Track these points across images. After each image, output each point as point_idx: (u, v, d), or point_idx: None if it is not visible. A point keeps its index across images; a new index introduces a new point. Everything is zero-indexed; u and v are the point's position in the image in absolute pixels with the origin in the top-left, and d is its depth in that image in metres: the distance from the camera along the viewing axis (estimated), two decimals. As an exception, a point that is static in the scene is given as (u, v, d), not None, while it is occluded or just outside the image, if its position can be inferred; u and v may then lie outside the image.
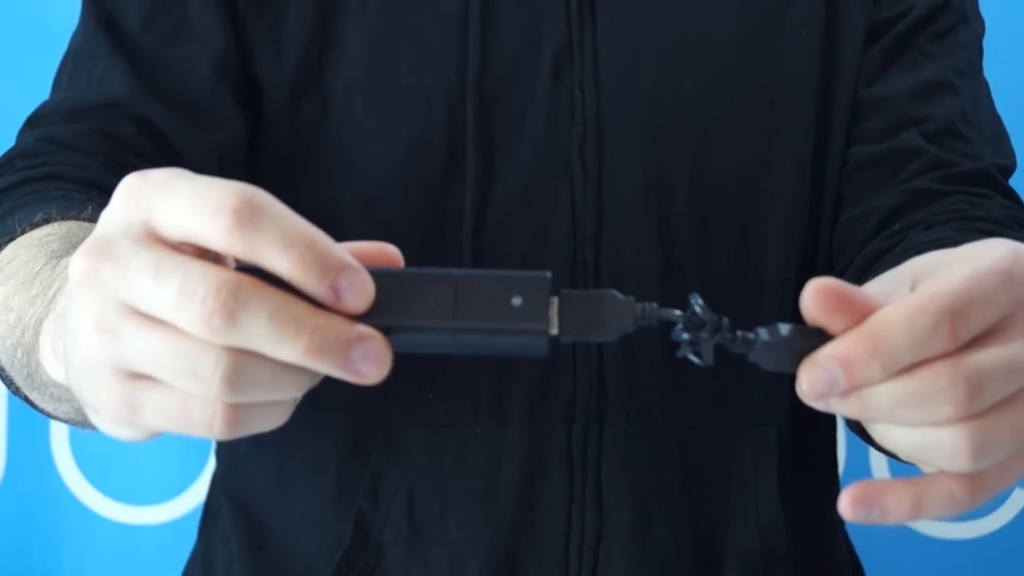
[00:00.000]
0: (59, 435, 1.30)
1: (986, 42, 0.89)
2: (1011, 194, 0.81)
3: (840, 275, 0.80)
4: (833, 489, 0.91)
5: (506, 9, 0.80)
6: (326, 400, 0.74)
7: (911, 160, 0.81)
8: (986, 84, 0.88)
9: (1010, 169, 0.84)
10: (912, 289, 0.47)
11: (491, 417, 0.80)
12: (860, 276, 0.76)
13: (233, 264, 0.45)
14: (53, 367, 0.53)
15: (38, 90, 0.85)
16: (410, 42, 0.80)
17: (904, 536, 1.33)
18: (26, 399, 0.60)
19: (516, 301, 0.45)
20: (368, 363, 0.44)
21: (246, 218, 0.43)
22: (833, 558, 0.90)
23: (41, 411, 0.60)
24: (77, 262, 0.45)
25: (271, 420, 0.45)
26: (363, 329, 0.44)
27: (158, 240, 0.44)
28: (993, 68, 0.89)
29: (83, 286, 0.45)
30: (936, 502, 0.47)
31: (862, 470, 1.27)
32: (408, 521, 0.81)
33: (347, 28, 0.80)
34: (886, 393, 0.45)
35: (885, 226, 0.78)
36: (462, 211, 0.79)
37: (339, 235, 0.81)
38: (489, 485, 0.80)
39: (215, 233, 0.43)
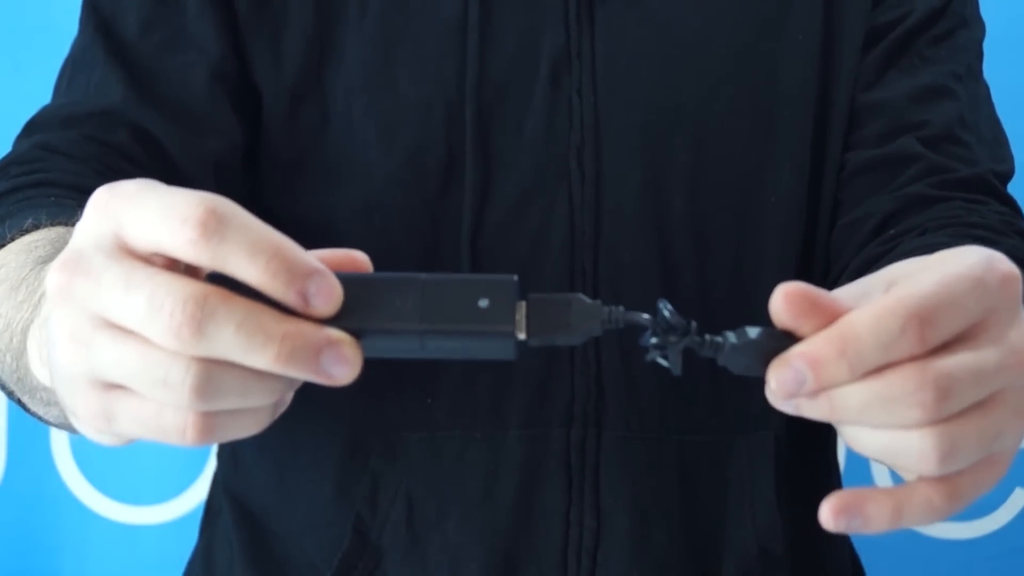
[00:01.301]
0: (59, 435, 1.30)
1: (986, 45, 0.89)
2: (1008, 200, 0.81)
3: (836, 280, 0.80)
4: (832, 492, 0.91)
5: (504, 16, 0.80)
6: (326, 404, 0.74)
7: (908, 165, 0.81)
8: (986, 88, 0.88)
9: (1008, 175, 0.84)
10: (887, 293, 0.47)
11: (490, 421, 0.80)
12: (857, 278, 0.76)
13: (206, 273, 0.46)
14: (40, 371, 0.53)
15: (38, 91, 0.85)
16: (409, 50, 0.80)
17: (904, 536, 1.33)
18: (19, 402, 0.60)
19: (483, 304, 0.45)
20: (339, 366, 0.44)
21: (212, 228, 0.43)
22: (832, 561, 0.90)
23: (34, 415, 0.60)
24: (52, 276, 0.45)
25: (246, 427, 0.46)
26: (332, 333, 0.44)
27: (129, 252, 0.45)
28: (993, 71, 0.89)
29: (58, 300, 0.45)
30: (916, 510, 0.47)
31: (863, 472, 1.27)
32: (407, 525, 0.81)
33: (346, 36, 0.80)
34: (854, 394, 0.45)
35: (881, 231, 0.78)
36: (461, 217, 0.79)
37: (338, 241, 0.82)
38: (487, 489, 0.80)
39: (181, 244, 0.43)
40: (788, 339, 0.46)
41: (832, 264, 0.83)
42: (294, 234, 0.85)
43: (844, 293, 0.48)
